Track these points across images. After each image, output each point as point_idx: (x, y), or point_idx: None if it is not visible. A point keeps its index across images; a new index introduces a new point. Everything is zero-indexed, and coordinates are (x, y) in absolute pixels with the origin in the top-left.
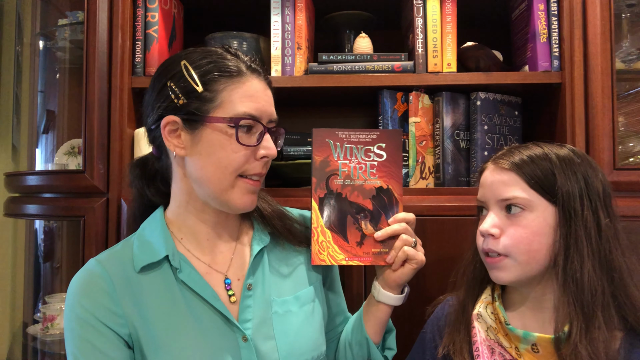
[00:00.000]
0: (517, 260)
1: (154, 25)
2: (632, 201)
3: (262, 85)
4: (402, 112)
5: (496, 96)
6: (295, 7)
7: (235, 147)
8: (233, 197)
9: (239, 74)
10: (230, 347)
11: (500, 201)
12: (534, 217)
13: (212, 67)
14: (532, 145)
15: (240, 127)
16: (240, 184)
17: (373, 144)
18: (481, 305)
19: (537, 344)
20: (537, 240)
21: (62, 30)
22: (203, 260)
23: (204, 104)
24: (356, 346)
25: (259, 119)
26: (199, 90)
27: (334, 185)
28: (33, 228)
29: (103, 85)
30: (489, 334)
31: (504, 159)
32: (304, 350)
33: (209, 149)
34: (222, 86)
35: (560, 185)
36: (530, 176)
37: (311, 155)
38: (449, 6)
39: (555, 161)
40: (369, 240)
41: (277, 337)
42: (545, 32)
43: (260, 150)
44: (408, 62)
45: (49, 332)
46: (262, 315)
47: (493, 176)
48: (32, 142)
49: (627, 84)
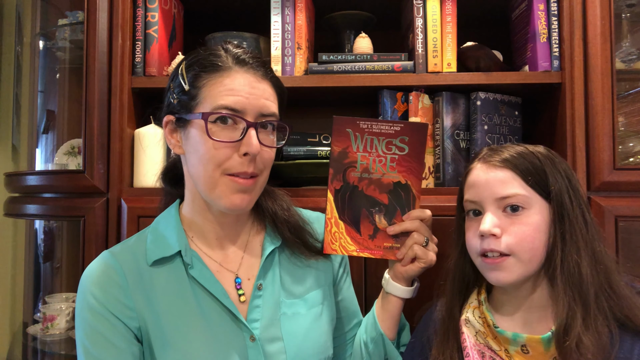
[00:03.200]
0: (520, 258)
1: (154, 25)
2: (632, 201)
3: (250, 78)
4: (402, 112)
5: (496, 96)
6: (295, 7)
7: (215, 143)
8: (219, 195)
9: (223, 68)
10: (238, 346)
11: (498, 200)
12: (533, 214)
13: (198, 64)
14: (511, 145)
15: (216, 122)
16: (226, 182)
17: (396, 136)
18: (468, 310)
19: (526, 345)
20: (538, 237)
21: (62, 30)
22: (214, 258)
23: (189, 102)
24: (371, 344)
25: (240, 113)
26: (186, 88)
27: (350, 177)
28: (33, 228)
29: (103, 85)
30: (478, 338)
31: (494, 157)
32: (311, 352)
33: (195, 145)
34: (203, 82)
35: (551, 181)
36: (525, 172)
37: (312, 154)
38: (449, 6)
39: (542, 159)
40: (381, 234)
41: (285, 339)
42: (545, 32)
43: (241, 147)
44: (408, 62)
45: (49, 332)
46: (270, 316)
47: (487, 174)
48: (32, 142)
49: (627, 84)
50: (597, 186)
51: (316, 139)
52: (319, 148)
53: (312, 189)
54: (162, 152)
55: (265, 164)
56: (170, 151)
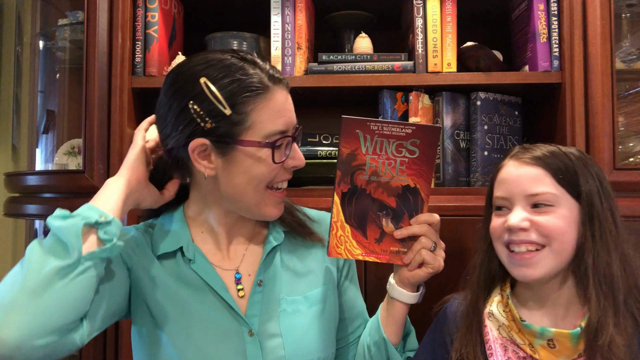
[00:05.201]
0: (553, 249)
1: (154, 25)
2: (632, 201)
3: (285, 95)
4: (402, 112)
5: (496, 96)
6: (295, 7)
7: (269, 165)
8: (266, 209)
9: (264, 89)
10: (236, 340)
11: (528, 196)
12: (562, 211)
13: (237, 87)
14: (544, 144)
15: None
16: (269, 196)
17: (407, 139)
18: (492, 304)
19: (554, 339)
20: (568, 231)
21: (62, 30)
22: (217, 254)
23: (233, 127)
24: (374, 348)
25: (287, 132)
26: (227, 112)
27: (358, 180)
28: (33, 228)
29: (103, 85)
30: (501, 332)
31: (526, 154)
32: (310, 350)
33: (243, 168)
34: (250, 107)
35: (582, 182)
36: (557, 171)
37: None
38: (449, 6)
39: (574, 159)
40: (388, 238)
41: (284, 335)
42: (545, 32)
43: (289, 161)
44: (408, 62)
45: None
46: (269, 311)
47: (518, 170)
48: (32, 142)
49: (627, 84)
50: None
51: (316, 138)
52: (319, 148)
53: (312, 189)
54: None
55: None
56: None
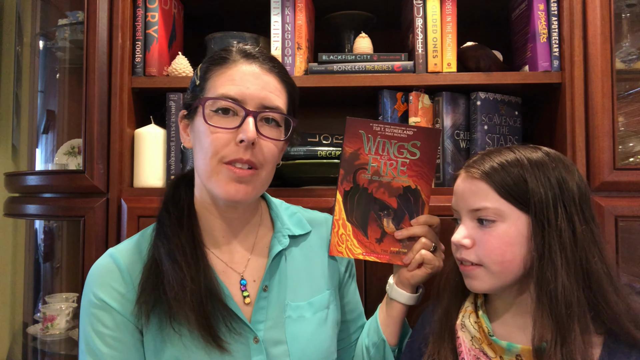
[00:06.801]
0: (490, 270)
1: (154, 25)
2: (632, 201)
3: (254, 70)
4: (402, 112)
5: (496, 96)
6: (295, 7)
7: (213, 129)
8: (216, 184)
9: (229, 60)
10: (242, 348)
11: (471, 211)
12: (506, 227)
13: (209, 60)
14: (505, 150)
15: (218, 112)
16: (223, 170)
17: (408, 140)
18: (464, 315)
19: (521, 355)
20: (510, 250)
21: (62, 30)
22: (221, 258)
23: (197, 95)
24: (373, 349)
25: (240, 102)
26: (197, 82)
27: (361, 179)
28: (33, 228)
29: (103, 85)
30: (474, 343)
31: (475, 167)
32: (315, 357)
33: (198, 135)
34: (210, 74)
35: (532, 193)
36: (500, 185)
37: (312, 154)
38: (449, 6)
39: (527, 167)
40: (388, 238)
41: (289, 342)
42: (545, 32)
43: (239, 134)
44: (408, 62)
45: (49, 332)
46: (275, 318)
47: (464, 185)
48: (32, 142)
49: (627, 84)
50: (597, 186)
51: (316, 138)
52: (318, 148)
53: (312, 189)
54: (162, 152)
55: (265, 158)
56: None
